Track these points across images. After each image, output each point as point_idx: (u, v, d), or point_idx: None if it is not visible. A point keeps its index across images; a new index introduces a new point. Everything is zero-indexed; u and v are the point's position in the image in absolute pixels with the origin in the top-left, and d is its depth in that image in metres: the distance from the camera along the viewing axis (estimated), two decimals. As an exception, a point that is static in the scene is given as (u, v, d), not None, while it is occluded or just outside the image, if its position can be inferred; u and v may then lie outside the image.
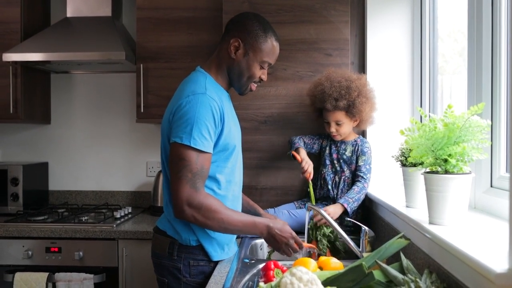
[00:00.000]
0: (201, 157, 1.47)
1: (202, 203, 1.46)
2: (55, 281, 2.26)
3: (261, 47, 1.62)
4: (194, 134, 1.45)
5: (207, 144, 1.48)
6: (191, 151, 1.46)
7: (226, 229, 1.51)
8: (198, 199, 1.46)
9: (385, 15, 2.28)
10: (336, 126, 2.03)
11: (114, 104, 3.01)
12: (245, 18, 1.64)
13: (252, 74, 1.64)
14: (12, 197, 2.69)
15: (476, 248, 0.96)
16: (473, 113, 1.12)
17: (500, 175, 1.39)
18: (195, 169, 1.46)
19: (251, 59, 1.62)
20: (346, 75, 2.01)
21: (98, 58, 2.49)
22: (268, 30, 1.64)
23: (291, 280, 0.99)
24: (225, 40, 1.64)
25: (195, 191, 1.46)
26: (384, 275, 1.12)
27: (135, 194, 3.00)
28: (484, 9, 1.41)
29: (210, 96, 1.51)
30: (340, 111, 1.99)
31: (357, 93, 1.96)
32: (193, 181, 1.46)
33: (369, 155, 2.07)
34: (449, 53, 2.03)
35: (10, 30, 2.66)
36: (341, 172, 2.08)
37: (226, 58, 1.63)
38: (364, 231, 1.63)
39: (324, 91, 1.99)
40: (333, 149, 2.12)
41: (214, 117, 1.50)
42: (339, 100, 1.96)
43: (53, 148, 3.04)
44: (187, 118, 1.47)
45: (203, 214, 1.46)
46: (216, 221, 1.48)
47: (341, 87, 1.96)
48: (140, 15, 2.55)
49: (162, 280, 1.60)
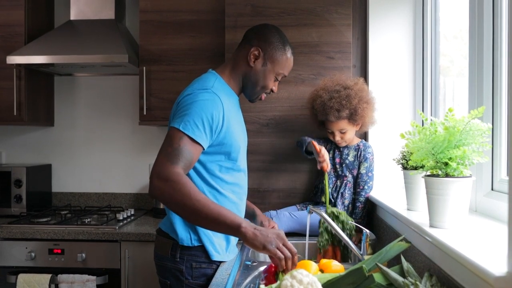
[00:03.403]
0: (189, 142, 1.43)
1: (171, 176, 1.36)
2: (58, 283, 2.27)
3: (279, 59, 1.65)
4: (186, 120, 1.44)
5: (198, 133, 1.44)
6: (180, 133, 1.43)
7: (192, 210, 1.34)
8: (168, 171, 1.37)
9: (387, 18, 2.29)
10: (341, 134, 2.03)
11: (117, 106, 3.03)
12: (266, 29, 1.67)
13: (266, 84, 1.67)
14: (16, 199, 2.71)
15: (476, 251, 0.97)
16: (473, 116, 1.12)
17: (501, 179, 1.39)
18: (176, 145, 1.41)
19: (268, 69, 1.65)
20: (343, 82, 2.00)
21: (101, 60, 2.50)
22: (286, 43, 1.67)
23: (291, 282, 0.99)
24: (244, 48, 1.66)
25: (170, 164, 1.38)
26: (384, 278, 1.12)
27: (138, 196, 3.01)
28: (485, 12, 1.41)
29: (214, 93, 1.52)
30: (343, 119, 1.99)
31: (357, 99, 1.95)
32: (170, 155, 1.40)
33: (371, 162, 2.08)
34: (455, 54, 2.02)
35: (14, 33, 2.69)
36: (343, 176, 2.08)
37: (243, 65, 1.65)
38: (365, 233, 1.63)
39: (324, 103, 1.98)
40: (336, 153, 2.12)
41: (213, 112, 1.48)
42: (341, 111, 1.95)
43: (56, 150, 3.06)
44: (185, 105, 1.49)
45: (170, 186, 1.35)
46: (182, 195, 1.34)
47: (340, 97, 1.95)
48: (143, 18, 2.57)
49: (165, 282, 1.61)
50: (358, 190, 2.06)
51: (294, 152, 2.24)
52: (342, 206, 2.05)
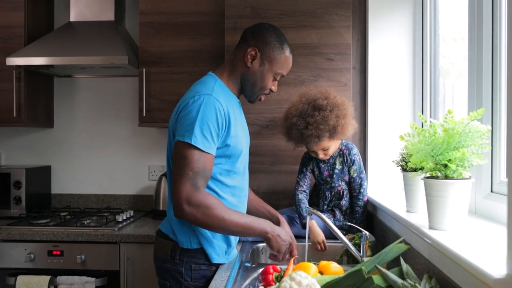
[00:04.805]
0: (203, 157, 1.47)
1: (202, 201, 1.44)
2: (57, 284, 2.26)
3: (277, 59, 1.63)
4: (196, 133, 1.46)
5: (208, 145, 1.48)
6: (193, 149, 1.46)
7: (226, 228, 1.49)
8: (197, 198, 1.44)
9: (387, 19, 2.29)
10: (324, 151, 1.96)
11: (116, 108, 3.03)
12: (263, 29, 1.65)
13: (265, 84, 1.66)
14: (15, 201, 2.71)
15: (476, 253, 0.97)
16: (472, 118, 1.12)
17: (501, 180, 1.39)
18: (196, 167, 1.45)
19: (266, 69, 1.63)
20: (313, 102, 1.87)
21: (101, 62, 2.51)
22: (284, 42, 1.65)
23: (290, 284, 0.99)
24: (241, 48, 1.65)
25: (195, 189, 1.45)
26: (383, 280, 1.12)
27: (137, 197, 3.01)
28: (484, 13, 1.41)
29: (215, 98, 1.51)
30: (324, 141, 1.89)
31: (334, 119, 1.84)
32: (193, 180, 1.45)
33: (359, 162, 2.01)
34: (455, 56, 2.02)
35: (14, 35, 2.69)
36: (337, 186, 2.03)
37: (241, 66, 1.64)
38: (365, 235, 1.63)
39: (301, 132, 1.87)
40: (322, 167, 2.04)
41: (217, 119, 1.50)
42: (321, 136, 1.85)
43: (56, 152, 3.06)
44: (190, 116, 1.48)
45: (203, 212, 1.44)
46: (216, 219, 1.46)
47: (317, 122, 1.83)
48: (143, 19, 2.57)
49: (164, 283, 1.61)
50: (355, 195, 2.01)
51: (294, 154, 2.24)
52: (340, 213, 2.03)
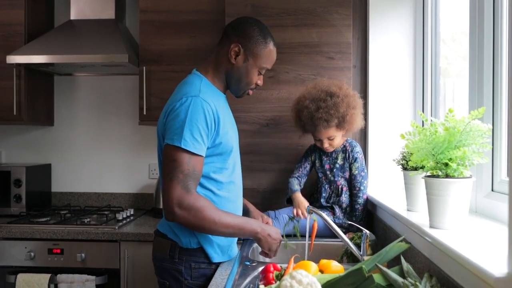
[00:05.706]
0: (193, 159, 1.46)
1: (193, 204, 1.44)
2: (57, 283, 2.26)
3: (261, 53, 1.62)
4: (185, 136, 1.45)
5: (199, 146, 1.47)
6: (182, 152, 1.45)
7: (217, 230, 1.49)
8: (188, 200, 1.44)
9: (387, 18, 2.29)
10: (329, 141, 1.98)
11: (117, 106, 3.03)
12: (244, 23, 1.63)
13: (250, 80, 1.65)
14: (15, 199, 2.71)
15: (476, 252, 0.97)
16: (473, 117, 1.12)
17: (501, 179, 1.39)
18: (186, 170, 1.45)
19: (250, 65, 1.62)
20: (326, 88, 1.94)
21: (101, 60, 2.50)
22: (267, 35, 1.64)
23: (291, 283, 0.99)
24: (224, 45, 1.63)
25: (186, 192, 1.44)
26: (384, 278, 1.12)
27: (137, 196, 3.01)
28: (485, 12, 1.41)
29: (203, 99, 1.50)
30: (332, 127, 1.94)
31: (345, 107, 1.89)
32: (184, 182, 1.45)
33: (361, 160, 2.04)
34: (452, 56, 2.02)
35: (14, 32, 2.68)
36: (337, 181, 2.05)
37: (225, 62, 1.63)
38: (365, 234, 1.63)
39: (312, 114, 1.92)
40: (324, 160, 2.08)
41: (206, 120, 1.49)
42: (330, 121, 1.90)
43: (56, 150, 3.06)
44: (179, 119, 1.47)
45: (194, 215, 1.44)
46: (207, 222, 1.46)
47: (328, 106, 1.89)
48: (143, 18, 2.56)
49: (163, 283, 1.60)
50: (355, 192, 2.02)
51: (294, 153, 2.24)
52: (340, 211, 2.04)
